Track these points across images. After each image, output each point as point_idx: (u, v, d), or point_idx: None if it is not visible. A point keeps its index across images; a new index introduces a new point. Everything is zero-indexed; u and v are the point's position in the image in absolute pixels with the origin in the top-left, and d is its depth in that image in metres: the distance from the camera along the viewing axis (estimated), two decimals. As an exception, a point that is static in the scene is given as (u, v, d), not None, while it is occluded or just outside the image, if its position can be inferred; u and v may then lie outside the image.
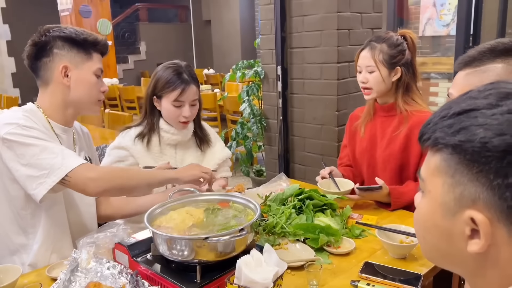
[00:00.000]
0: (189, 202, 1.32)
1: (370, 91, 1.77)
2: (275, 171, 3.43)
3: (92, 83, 1.45)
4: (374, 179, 1.82)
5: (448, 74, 5.83)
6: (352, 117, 1.99)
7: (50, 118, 1.42)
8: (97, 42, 1.45)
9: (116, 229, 1.24)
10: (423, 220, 0.60)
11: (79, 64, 1.41)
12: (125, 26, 11.55)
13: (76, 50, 1.41)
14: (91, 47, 1.44)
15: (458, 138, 0.52)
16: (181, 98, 1.70)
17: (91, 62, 1.44)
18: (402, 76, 1.75)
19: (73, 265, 1.13)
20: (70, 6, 7.83)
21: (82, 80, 1.42)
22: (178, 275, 1.09)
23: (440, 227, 0.57)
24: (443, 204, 0.55)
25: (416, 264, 1.25)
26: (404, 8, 6.39)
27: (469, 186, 0.52)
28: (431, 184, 0.58)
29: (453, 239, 0.55)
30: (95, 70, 1.45)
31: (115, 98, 7.10)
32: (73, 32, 1.41)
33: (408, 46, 1.76)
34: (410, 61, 1.76)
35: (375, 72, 1.73)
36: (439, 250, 0.59)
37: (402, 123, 1.75)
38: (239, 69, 3.80)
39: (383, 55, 1.72)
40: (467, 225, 0.53)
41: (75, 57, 1.41)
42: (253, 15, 10.21)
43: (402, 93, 1.76)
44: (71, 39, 1.40)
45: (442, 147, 0.55)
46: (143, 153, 1.74)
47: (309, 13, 3.03)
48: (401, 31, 1.79)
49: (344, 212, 1.52)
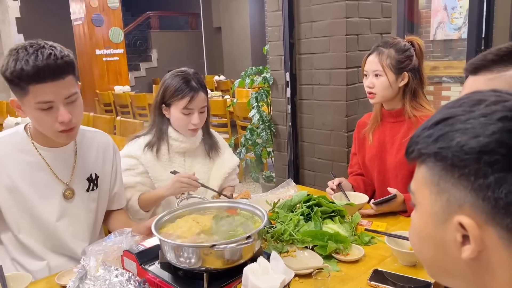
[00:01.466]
0: (196, 209, 1.32)
1: (374, 95, 1.76)
2: (284, 177, 3.43)
3: (39, 118, 1.29)
4: (385, 186, 1.80)
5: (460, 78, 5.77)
6: (360, 124, 1.97)
7: (35, 140, 1.39)
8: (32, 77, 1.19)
9: (124, 236, 1.25)
10: (417, 233, 0.61)
11: (20, 98, 1.27)
12: (136, 34, 11.70)
13: (11, 85, 1.25)
14: (23, 83, 1.22)
15: (437, 145, 0.54)
16: (190, 106, 1.71)
17: (29, 97, 1.23)
18: (409, 82, 1.74)
19: (82, 273, 1.14)
20: (83, 15, 7.97)
21: (29, 115, 1.30)
22: (185, 282, 1.09)
23: (433, 238, 0.57)
24: (433, 214, 0.56)
25: (426, 271, 1.23)
26: (415, 12, 6.37)
27: (453, 192, 0.53)
28: (420, 195, 0.59)
29: (446, 248, 0.55)
30: (35, 106, 1.25)
31: (126, 105, 7.18)
32: (4, 66, 1.22)
33: (415, 52, 1.76)
34: (418, 67, 1.75)
35: (382, 77, 1.73)
36: (436, 263, 0.59)
37: (411, 129, 1.73)
38: (248, 75, 3.82)
39: (390, 60, 1.72)
40: (457, 231, 0.53)
41: (14, 91, 1.27)
42: (263, 21, 10.26)
43: (409, 99, 1.75)
44: (4, 75, 1.23)
45: (425, 157, 0.56)
46: (153, 161, 1.76)
47: (317, 19, 3.03)
48: (408, 37, 1.79)
49: (353, 219, 1.51)
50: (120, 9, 8.47)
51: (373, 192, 1.93)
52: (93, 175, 1.51)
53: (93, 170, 1.52)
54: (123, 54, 8.58)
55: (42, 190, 1.39)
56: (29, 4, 9.91)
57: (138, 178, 1.75)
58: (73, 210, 1.46)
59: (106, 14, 8.15)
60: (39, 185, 1.39)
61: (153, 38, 11.74)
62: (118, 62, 8.49)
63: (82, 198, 1.48)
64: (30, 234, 1.40)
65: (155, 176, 1.76)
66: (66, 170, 1.44)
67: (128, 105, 7.15)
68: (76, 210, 1.47)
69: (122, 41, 8.49)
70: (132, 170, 1.75)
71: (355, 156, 1.99)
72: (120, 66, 8.57)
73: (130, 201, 1.72)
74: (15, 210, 1.37)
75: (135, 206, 1.73)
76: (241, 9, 10.35)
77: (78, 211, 1.48)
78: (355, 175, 1.96)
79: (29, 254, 1.41)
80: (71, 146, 1.46)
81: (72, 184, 1.45)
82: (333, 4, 2.90)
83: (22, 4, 9.73)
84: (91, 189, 1.51)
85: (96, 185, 1.52)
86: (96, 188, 1.52)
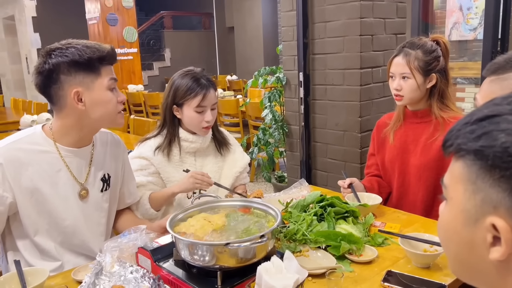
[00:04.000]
0: (210, 208, 1.33)
1: (401, 98, 1.73)
2: (296, 177, 3.42)
3: (108, 99, 1.38)
4: (405, 188, 1.78)
5: (475, 79, 5.70)
6: (380, 124, 1.94)
7: (58, 140, 1.40)
8: (103, 57, 1.35)
9: (139, 233, 1.26)
10: (445, 228, 0.60)
11: (90, 84, 1.34)
12: (150, 34, 11.78)
13: (83, 72, 1.33)
14: (97, 64, 1.35)
15: (480, 143, 0.52)
16: (203, 104, 1.72)
17: (101, 79, 1.36)
18: (437, 83, 1.71)
19: (98, 269, 1.16)
20: (98, 14, 8.05)
21: (97, 100, 1.36)
22: (199, 280, 1.10)
23: (461, 235, 0.56)
24: (464, 211, 0.55)
25: (440, 274, 1.22)
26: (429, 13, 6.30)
27: (490, 192, 0.51)
28: (453, 191, 0.57)
29: (474, 247, 0.54)
30: (108, 85, 1.37)
31: (140, 104, 7.23)
32: (75, 53, 1.31)
33: (442, 51, 1.72)
34: (444, 67, 1.72)
35: (410, 80, 1.69)
36: (460, 259, 0.58)
37: (437, 130, 1.70)
38: (261, 75, 3.82)
39: (418, 62, 1.68)
40: (488, 232, 0.52)
41: (84, 79, 1.33)
42: (276, 21, 10.25)
43: (437, 100, 1.73)
44: (75, 62, 1.31)
45: (464, 153, 0.54)
46: (164, 163, 1.77)
47: (331, 19, 3.02)
48: (433, 36, 1.75)
49: (367, 220, 1.51)
50: (134, 9, 8.54)
51: (388, 194, 1.91)
52: (106, 176, 1.53)
53: (107, 170, 1.54)
54: (136, 54, 8.65)
55: (61, 190, 1.41)
56: (45, 4, 10.04)
57: (150, 178, 1.76)
58: (88, 210, 1.48)
59: (120, 13, 8.23)
60: (58, 185, 1.41)
61: (167, 38, 11.81)
62: (132, 61, 8.57)
63: (96, 198, 1.50)
64: (48, 235, 1.41)
65: (166, 177, 1.78)
66: (83, 170, 1.46)
67: (141, 104, 7.20)
68: (90, 210, 1.48)
69: (136, 40, 8.56)
70: (143, 170, 1.77)
71: (373, 157, 1.96)
72: (134, 65, 8.64)
73: (141, 199, 1.73)
74: (34, 212, 1.38)
75: (145, 204, 1.73)
76: (254, 9, 10.36)
77: (93, 211, 1.49)
78: (371, 176, 1.94)
79: (44, 256, 1.42)
80: (89, 147, 1.48)
81: (87, 184, 1.47)
82: (347, 4, 2.89)
83: (38, 3, 9.87)
84: (104, 189, 1.52)
85: (109, 185, 1.54)
86: (108, 188, 1.54)
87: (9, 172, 1.32)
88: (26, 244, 1.42)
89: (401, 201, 1.84)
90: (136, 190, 1.71)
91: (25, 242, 1.42)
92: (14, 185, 1.33)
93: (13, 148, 1.35)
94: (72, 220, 1.44)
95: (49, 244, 1.42)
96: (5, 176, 1.32)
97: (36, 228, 1.40)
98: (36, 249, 1.42)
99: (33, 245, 1.42)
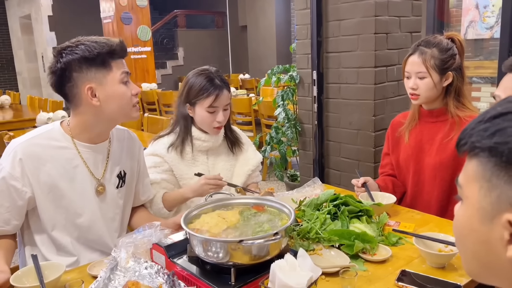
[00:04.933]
0: (223, 205, 1.34)
1: (418, 97, 1.72)
2: (309, 176, 3.41)
3: (122, 93, 1.39)
4: (420, 187, 1.77)
5: (491, 78, 5.61)
6: (394, 123, 1.93)
7: (75, 137, 1.42)
8: (113, 51, 1.36)
9: (154, 230, 1.27)
10: (461, 227, 0.59)
11: (102, 80, 1.35)
12: (164, 33, 11.83)
13: (94, 68, 1.34)
14: (108, 58, 1.36)
15: (494, 140, 0.52)
16: (216, 104, 1.73)
17: (113, 73, 1.37)
18: (453, 81, 1.69)
19: (113, 264, 1.17)
20: (112, 13, 8.12)
21: (111, 95, 1.37)
22: (213, 277, 1.11)
23: (478, 233, 0.56)
24: (480, 209, 0.55)
25: (455, 274, 1.21)
26: (445, 11, 6.22)
27: (506, 189, 0.51)
28: (468, 189, 0.57)
29: (491, 245, 0.54)
30: (121, 78, 1.38)
31: (153, 102, 7.28)
32: (85, 49, 1.32)
33: (457, 49, 1.70)
34: (460, 64, 1.70)
35: (427, 78, 1.67)
36: (477, 258, 0.58)
37: (453, 129, 1.68)
38: (274, 74, 3.82)
39: (434, 60, 1.66)
40: (505, 229, 0.52)
41: (96, 75, 1.35)
42: (289, 20, 10.22)
43: (453, 98, 1.71)
44: (85, 59, 1.32)
45: (478, 151, 0.54)
46: (177, 160, 1.79)
47: (346, 17, 3.01)
48: (447, 33, 1.73)
49: (381, 219, 1.50)
50: (148, 8, 8.58)
51: (403, 194, 1.89)
52: (122, 172, 1.55)
53: (122, 167, 1.55)
54: (150, 52, 8.70)
55: (78, 186, 1.43)
56: (61, 3, 10.16)
57: (164, 175, 1.78)
58: (104, 205, 1.50)
59: (134, 12, 8.29)
60: (76, 180, 1.43)
61: (180, 37, 11.85)
62: (145, 60, 8.62)
63: (112, 195, 1.52)
64: (65, 230, 1.44)
65: (180, 175, 1.79)
66: (100, 166, 1.48)
67: (155, 102, 7.25)
68: (106, 206, 1.50)
69: (150, 39, 8.61)
70: (157, 167, 1.78)
71: (388, 156, 1.94)
72: (148, 64, 8.69)
73: (155, 198, 1.74)
74: (52, 207, 1.40)
75: (159, 204, 1.74)
76: (267, 7, 10.34)
77: (108, 207, 1.51)
78: (385, 176, 1.92)
79: (61, 251, 1.44)
80: (106, 143, 1.50)
81: (104, 180, 1.49)
82: (362, 3, 2.88)
83: (54, 2, 10.00)
84: (120, 186, 1.54)
85: (124, 182, 1.56)
86: (124, 185, 1.56)
87: (28, 167, 1.35)
88: (44, 238, 1.44)
89: (415, 200, 1.82)
90: (150, 188, 1.72)
91: (42, 237, 1.44)
92: (33, 180, 1.36)
93: (32, 144, 1.38)
94: (89, 215, 1.46)
95: (65, 239, 1.44)
96: (24, 171, 1.34)
97: (54, 223, 1.42)
98: (53, 244, 1.44)
99: (50, 240, 1.44)
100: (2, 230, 1.38)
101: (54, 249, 1.44)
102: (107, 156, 1.51)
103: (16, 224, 1.40)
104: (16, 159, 1.34)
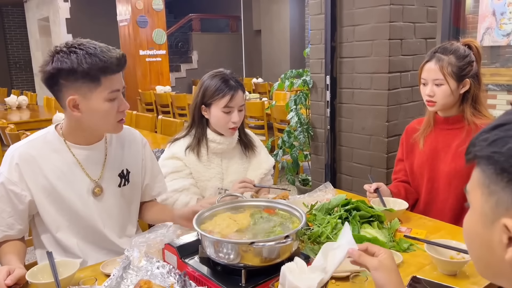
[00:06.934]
0: (234, 207, 1.35)
1: (434, 104, 1.71)
2: (321, 181, 3.41)
3: (105, 110, 1.34)
4: (434, 194, 1.75)
5: (508, 85, 5.54)
6: (409, 129, 1.92)
7: (67, 139, 1.43)
8: (105, 68, 1.29)
9: (166, 230, 1.29)
10: (468, 231, 0.64)
11: (87, 93, 1.30)
12: (178, 36, 11.94)
13: (81, 80, 1.28)
14: (99, 74, 1.29)
15: (491, 149, 0.56)
16: (231, 104, 1.75)
17: (101, 88, 1.31)
18: (470, 88, 1.68)
19: (126, 263, 1.19)
20: (128, 16, 8.22)
21: (94, 110, 1.33)
22: (224, 278, 1.12)
23: (482, 237, 0.60)
24: (482, 214, 0.59)
25: (467, 282, 1.20)
26: (461, 17, 6.17)
27: (502, 195, 0.55)
28: (473, 196, 0.61)
29: (493, 247, 0.58)
30: (107, 96, 1.32)
31: (167, 105, 7.34)
32: (75, 61, 1.26)
33: (474, 55, 1.69)
34: (477, 71, 1.69)
35: (444, 86, 1.66)
36: (483, 261, 0.62)
37: (469, 137, 1.66)
38: (288, 78, 3.83)
39: (451, 67, 1.65)
40: (503, 233, 0.55)
41: (82, 88, 1.30)
42: (303, 24, 10.23)
43: (470, 105, 1.70)
44: (73, 71, 1.27)
45: (479, 160, 0.59)
46: (195, 162, 1.81)
47: (360, 23, 3.01)
48: (464, 40, 1.72)
49: (392, 225, 1.49)
50: (164, 11, 8.67)
51: (416, 200, 1.88)
52: (124, 171, 1.55)
53: (125, 166, 1.55)
54: (165, 55, 8.78)
55: (76, 188, 1.44)
56: (79, 6, 10.33)
57: (190, 180, 1.79)
58: (104, 206, 1.50)
59: (150, 15, 8.38)
60: (72, 182, 1.43)
61: (194, 40, 11.94)
62: (160, 62, 8.70)
63: (115, 194, 1.52)
64: (69, 231, 1.45)
65: (197, 177, 1.81)
66: (97, 167, 1.48)
67: (168, 105, 7.30)
68: (106, 206, 1.50)
69: (165, 42, 8.68)
70: (179, 172, 1.79)
71: (401, 162, 1.93)
72: (162, 67, 8.77)
73: (189, 204, 1.74)
74: (53, 210, 1.42)
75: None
76: (282, 12, 10.37)
77: (109, 206, 1.51)
78: (398, 182, 1.91)
79: (66, 252, 1.46)
80: (102, 144, 1.50)
81: (102, 181, 1.49)
82: (377, 8, 2.87)
83: (72, 5, 10.17)
84: (122, 185, 1.54)
85: (128, 180, 1.56)
86: (127, 183, 1.56)
87: (25, 172, 1.37)
88: (51, 241, 1.46)
89: (428, 207, 1.81)
90: (164, 184, 1.72)
91: (49, 239, 1.46)
92: (31, 184, 1.38)
93: (28, 148, 1.40)
94: (89, 216, 1.47)
95: (71, 240, 1.46)
96: (22, 176, 1.37)
97: (57, 225, 1.44)
98: (59, 246, 1.46)
99: (56, 242, 1.46)
100: (8, 235, 1.40)
101: (61, 251, 1.46)
102: (105, 156, 1.50)
103: (20, 229, 1.42)
104: (13, 164, 1.37)
